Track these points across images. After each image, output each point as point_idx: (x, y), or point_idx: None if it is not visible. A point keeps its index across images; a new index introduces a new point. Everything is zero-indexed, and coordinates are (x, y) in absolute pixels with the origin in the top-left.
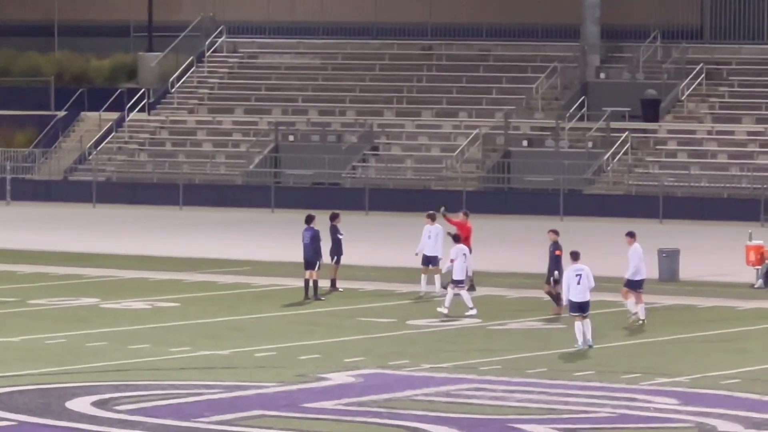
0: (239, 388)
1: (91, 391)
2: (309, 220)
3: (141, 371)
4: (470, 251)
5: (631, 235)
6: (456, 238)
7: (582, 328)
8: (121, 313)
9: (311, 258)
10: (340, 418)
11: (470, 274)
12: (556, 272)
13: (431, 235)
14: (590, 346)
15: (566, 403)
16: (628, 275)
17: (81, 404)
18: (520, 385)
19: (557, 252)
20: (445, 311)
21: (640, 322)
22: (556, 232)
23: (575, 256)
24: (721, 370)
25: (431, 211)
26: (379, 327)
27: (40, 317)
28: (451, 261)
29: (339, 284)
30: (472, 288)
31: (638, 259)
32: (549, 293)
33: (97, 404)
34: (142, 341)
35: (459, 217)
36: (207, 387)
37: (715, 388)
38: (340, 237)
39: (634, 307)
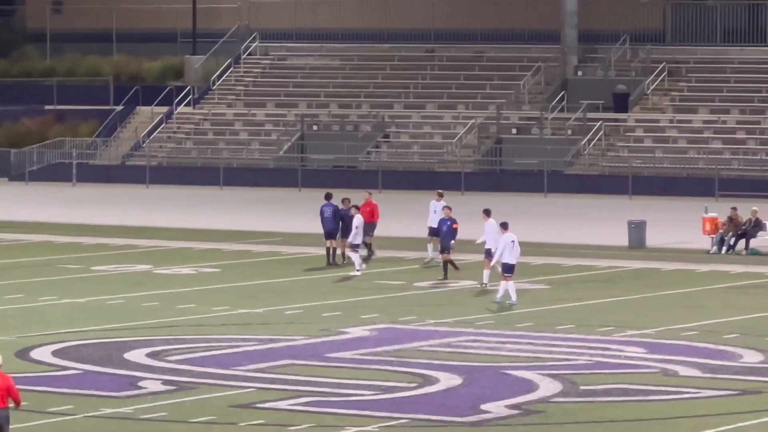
0: (272, 341)
1: (146, 344)
2: (328, 196)
3: (188, 327)
4: (375, 225)
5: (486, 212)
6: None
7: (506, 287)
8: (170, 277)
9: (332, 230)
10: (357, 366)
11: (367, 241)
12: (452, 242)
13: (437, 210)
14: (512, 304)
15: (550, 352)
16: (489, 246)
17: (137, 355)
18: (510, 337)
19: (454, 225)
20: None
21: (483, 285)
22: (450, 208)
23: (505, 226)
24: (682, 323)
25: (440, 190)
26: (390, 288)
27: (102, 281)
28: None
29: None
30: (371, 253)
31: (494, 232)
32: (448, 261)
33: (150, 355)
34: (188, 301)
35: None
36: (244, 340)
37: (677, 339)
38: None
39: (486, 277)
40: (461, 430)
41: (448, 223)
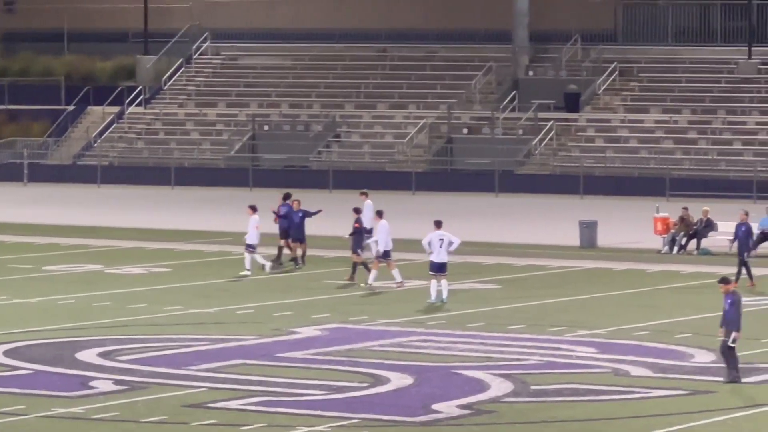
0: (223, 340)
1: (97, 344)
2: (287, 197)
3: (139, 327)
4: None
5: (379, 214)
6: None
7: (437, 286)
8: (121, 277)
9: (289, 230)
10: (308, 366)
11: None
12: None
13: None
14: (443, 302)
15: (501, 352)
16: (380, 248)
17: (88, 355)
18: (461, 337)
19: (356, 225)
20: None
21: (398, 285)
22: (357, 210)
23: (438, 224)
24: (633, 323)
25: (364, 190)
26: (341, 288)
27: (53, 281)
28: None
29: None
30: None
31: (385, 233)
32: (360, 263)
33: (102, 355)
34: (139, 301)
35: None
36: (195, 340)
37: (628, 339)
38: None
39: (371, 277)
40: (412, 430)
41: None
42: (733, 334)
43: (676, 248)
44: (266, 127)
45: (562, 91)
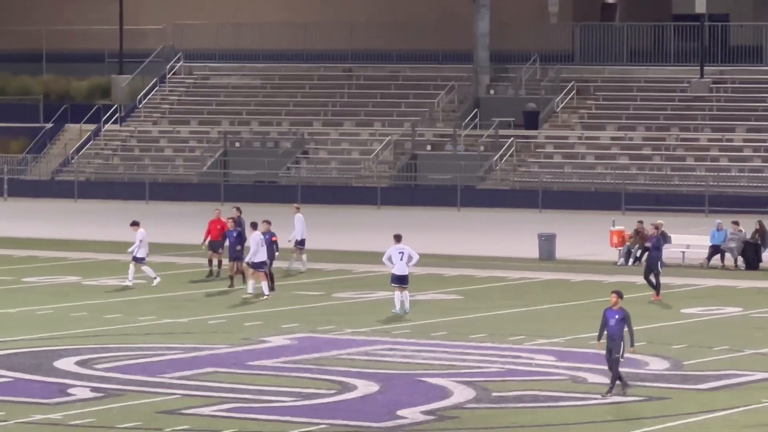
0: (195, 349)
1: (75, 353)
2: (254, 225)
3: (115, 336)
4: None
5: (253, 225)
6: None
7: (401, 297)
8: (98, 288)
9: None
10: (278, 374)
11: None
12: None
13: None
14: (406, 312)
15: (463, 360)
16: (249, 258)
17: (66, 363)
18: (425, 346)
19: (274, 238)
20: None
21: (265, 297)
22: (269, 222)
23: (398, 238)
24: (590, 332)
25: (296, 204)
26: (310, 299)
27: (32, 292)
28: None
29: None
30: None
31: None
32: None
33: (79, 363)
34: (115, 312)
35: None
36: (169, 349)
37: (586, 347)
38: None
39: (251, 287)
40: None
41: (267, 236)
42: (630, 349)
43: (631, 260)
44: (237, 144)
45: (521, 109)
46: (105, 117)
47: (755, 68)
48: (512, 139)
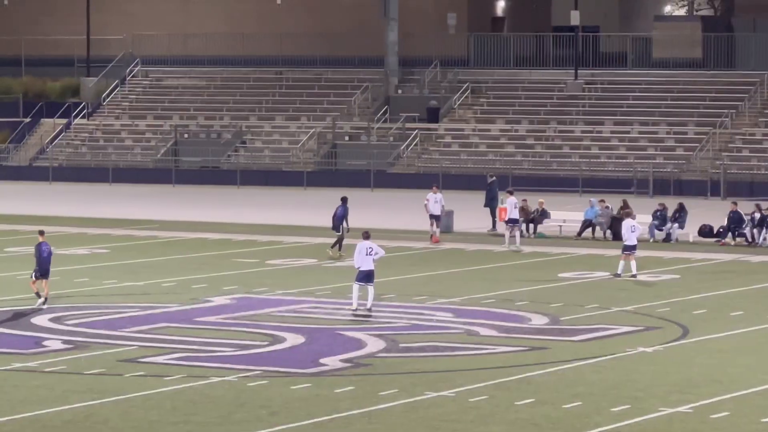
0: (151, 308)
1: (49, 311)
2: (41, 233)
3: (83, 297)
4: None
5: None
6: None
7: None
8: (68, 257)
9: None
10: (220, 328)
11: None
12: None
13: None
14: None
15: (376, 317)
16: None
17: (41, 320)
18: (344, 305)
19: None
20: None
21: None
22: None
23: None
24: (482, 293)
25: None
26: (247, 265)
27: (13, 260)
28: None
29: None
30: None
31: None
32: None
33: (53, 320)
34: (83, 276)
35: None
36: (128, 307)
37: (478, 306)
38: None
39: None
40: (304, 380)
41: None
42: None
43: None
44: (186, 135)
45: (424, 106)
46: (75, 112)
47: (621, 71)
48: (417, 131)
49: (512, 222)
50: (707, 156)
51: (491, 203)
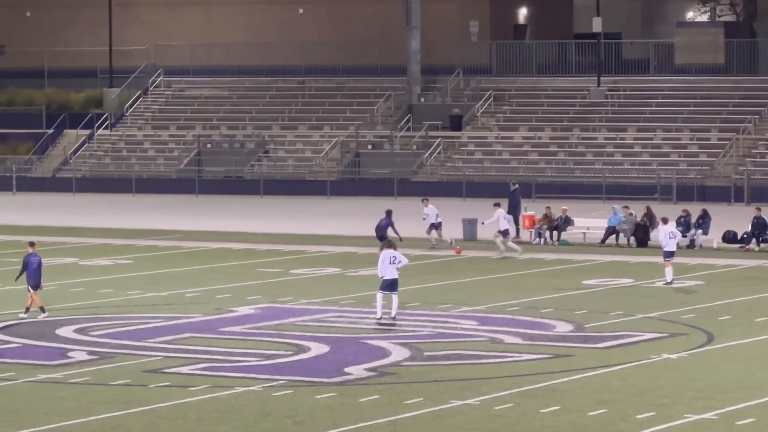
0: (175, 318)
1: (73, 322)
2: (31, 244)
3: (107, 308)
4: None
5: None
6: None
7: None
8: (92, 268)
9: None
10: (245, 338)
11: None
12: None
13: None
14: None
15: (400, 325)
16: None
17: (66, 331)
18: (368, 314)
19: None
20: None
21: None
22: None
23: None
24: (506, 301)
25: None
26: (270, 275)
27: None
28: None
29: None
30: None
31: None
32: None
33: (77, 331)
34: (107, 287)
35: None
36: (152, 318)
37: (503, 314)
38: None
39: None
40: (329, 389)
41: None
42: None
43: (541, 240)
44: (209, 145)
45: (447, 114)
46: (98, 123)
47: (643, 78)
48: (440, 139)
49: (505, 234)
50: (730, 162)
51: (514, 211)
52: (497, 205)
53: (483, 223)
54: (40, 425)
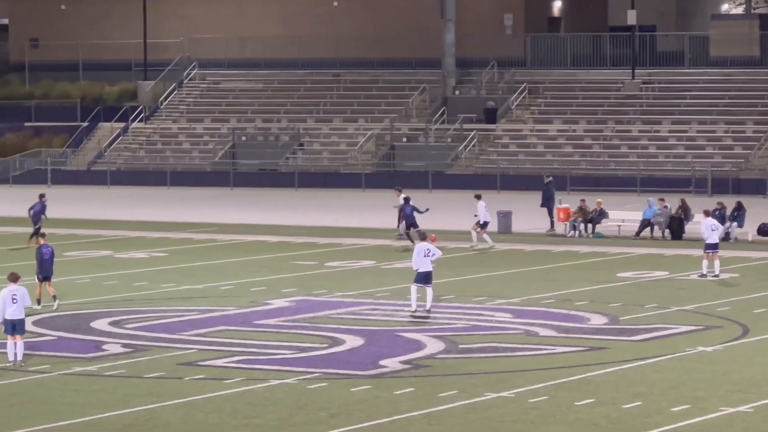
0: (209, 311)
1: (108, 314)
2: (43, 235)
3: (142, 301)
4: None
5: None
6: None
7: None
8: (127, 260)
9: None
10: (279, 330)
11: None
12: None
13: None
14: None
15: (435, 317)
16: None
17: (101, 324)
18: (402, 306)
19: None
20: None
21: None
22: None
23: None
24: (541, 293)
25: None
26: (305, 267)
27: (72, 265)
28: None
29: None
30: None
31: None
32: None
33: (112, 323)
34: (142, 280)
35: None
36: (187, 311)
37: (537, 306)
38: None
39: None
40: (364, 382)
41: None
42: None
43: (575, 232)
44: (244, 138)
45: (482, 107)
46: (132, 116)
47: (678, 70)
48: (475, 131)
49: (483, 225)
50: (766, 154)
51: (548, 203)
52: (478, 197)
53: (476, 216)
54: (75, 418)
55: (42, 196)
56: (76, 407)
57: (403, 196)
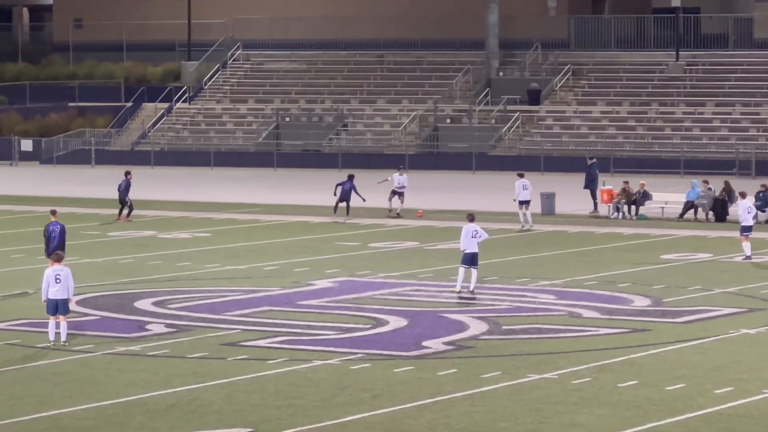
0: (253, 291)
1: (151, 294)
2: (53, 212)
3: (185, 281)
4: None
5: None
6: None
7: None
8: (171, 241)
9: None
10: (323, 311)
11: None
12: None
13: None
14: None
15: (479, 299)
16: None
17: (144, 304)
18: (446, 287)
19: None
20: None
21: None
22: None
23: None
24: (584, 275)
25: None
26: (349, 248)
27: (116, 245)
28: None
29: None
30: None
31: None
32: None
33: (155, 304)
34: (185, 260)
35: None
36: (231, 291)
37: (581, 288)
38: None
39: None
40: (407, 363)
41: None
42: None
43: (619, 214)
44: (287, 119)
45: (525, 88)
46: (176, 97)
47: (722, 52)
48: (518, 113)
49: (524, 203)
50: None
51: (591, 185)
52: (521, 175)
53: (514, 200)
54: (119, 397)
55: (128, 173)
56: (119, 387)
57: (348, 173)
